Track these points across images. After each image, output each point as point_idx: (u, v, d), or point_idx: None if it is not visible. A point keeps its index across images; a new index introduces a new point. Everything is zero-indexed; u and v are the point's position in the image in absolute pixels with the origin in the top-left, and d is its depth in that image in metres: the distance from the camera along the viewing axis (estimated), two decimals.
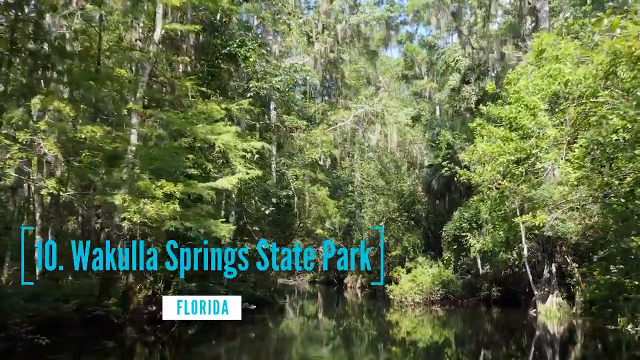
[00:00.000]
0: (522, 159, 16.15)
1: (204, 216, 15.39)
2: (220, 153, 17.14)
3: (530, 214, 18.22)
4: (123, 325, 16.30)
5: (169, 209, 13.68)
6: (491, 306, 29.05)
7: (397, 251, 36.18)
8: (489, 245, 21.87)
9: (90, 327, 15.61)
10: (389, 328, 24.88)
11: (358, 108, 31.58)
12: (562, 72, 15.17)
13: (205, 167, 17.63)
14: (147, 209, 13.43)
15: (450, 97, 41.21)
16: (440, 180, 34.45)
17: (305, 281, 58.28)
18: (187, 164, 15.80)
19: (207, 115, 16.78)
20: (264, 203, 22.89)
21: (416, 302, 30.71)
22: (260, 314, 25.41)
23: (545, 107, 15.42)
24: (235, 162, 16.93)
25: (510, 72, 20.18)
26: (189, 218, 14.69)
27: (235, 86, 21.63)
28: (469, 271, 31.01)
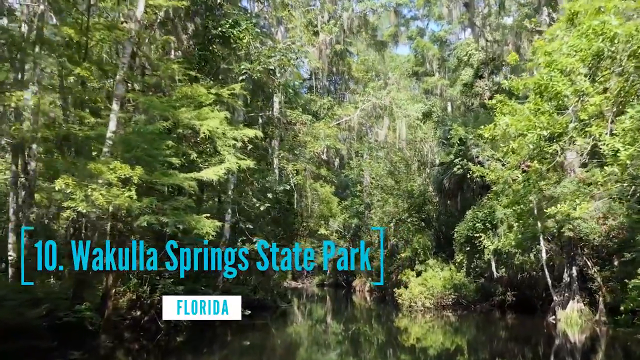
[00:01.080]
0: (556, 135, 13.14)
1: (183, 210, 13.87)
2: (207, 141, 15.63)
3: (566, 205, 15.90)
4: (97, 333, 14.75)
5: (123, 197, 12.10)
6: (505, 311, 27.69)
7: (406, 253, 34.60)
8: (510, 241, 20.05)
9: (59, 334, 14.03)
10: (398, 334, 23.45)
11: (365, 101, 30.00)
12: (608, 25, 12.45)
13: (189, 156, 16.07)
14: (96, 196, 11.86)
15: (462, 93, 39.53)
16: (452, 179, 32.76)
17: (313, 284, 57.63)
18: (166, 152, 14.25)
19: (193, 99, 15.26)
20: (260, 199, 21.32)
21: (426, 307, 29.20)
22: (260, 318, 23.91)
23: (585, 72, 12.90)
24: (224, 151, 15.38)
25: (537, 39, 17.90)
26: (165, 212, 13.22)
27: (226, 69, 20.08)
28: (483, 274, 29.35)
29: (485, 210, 26.57)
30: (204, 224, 13.79)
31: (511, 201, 18.49)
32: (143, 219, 12.61)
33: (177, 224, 13.57)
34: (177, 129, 15.57)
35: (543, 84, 12.84)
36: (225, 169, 14.68)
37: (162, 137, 14.35)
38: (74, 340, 14.09)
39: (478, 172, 25.03)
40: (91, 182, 11.97)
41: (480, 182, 30.80)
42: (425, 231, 35.64)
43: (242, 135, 16.04)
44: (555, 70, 12.55)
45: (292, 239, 25.89)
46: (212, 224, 14.14)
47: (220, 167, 14.64)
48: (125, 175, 12.19)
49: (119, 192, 12.18)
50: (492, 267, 25.83)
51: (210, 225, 13.97)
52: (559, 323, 22.47)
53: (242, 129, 16.46)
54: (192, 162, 16.11)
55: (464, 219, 28.15)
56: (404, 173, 38.02)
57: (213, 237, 14.49)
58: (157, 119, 14.74)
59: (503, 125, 13.56)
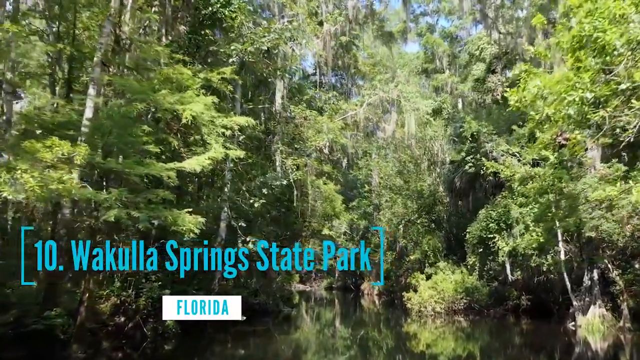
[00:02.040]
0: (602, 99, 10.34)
1: (160, 204, 12.48)
2: (192, 128, 14.26)
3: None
4: (69, 342, 13.39)
5: (60, 181, 10.60)
6: (520, 317, 26.44)
7: (415, 255, 33.24)
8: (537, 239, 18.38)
9: (27, 344, 12.71)
10: (407, 340, 22.19)
11: (372, 95, 28.60)
12: None
13: (170, 145, 14.59)
14: (25, 179, 10.40)
15: (474, 89, 38.16)
16: (464, 178, 31.39)
17: (322, 287, 56.77)
18: (143, 139, 12.87)
19: (178, 83, 13.85)
20: (256, 195, 19.95)
21: (437, 312, 27.81)
22: (261, 324, 22.63)
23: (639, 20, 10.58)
24: (211, 140, 14.00)
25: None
26: (138, 206, 11.87)
27: (216, 52, 18.73)
28: (496, 278, 27.90)
29: (499, 210, 25.12)
30: (184, 220, 12.42)
31: (538, 190, 16.33)
32: (111, 213, 11.27)
33: (152, 220, 12.24)
34: (157, 114, 14.24)
35: (585, 36, 10.19)
36: (209, 159, 13.26)
37: (138, 122, 13.03)
38: (42, 350, 12.76)
39: (492, 168, 23.75)
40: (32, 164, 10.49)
41: (493, 180, 29.54)
42: (435, 233, 34.33)
43: (233, 123, 14.64)
44: (601, 19, 10.04)
45: (294, 240, 24.49)
46: (195, 220, 12.76)
47: (205, 156, 13.23)
48: (65, 155, 10.75)
49: (57, 175, 10.69)
50: (506, 269, 24.35)
51: (192, 222, 12.57)
52: (579, 329, 21.21)
53: (233, 117, 15.04)
54: (175, 152, 14.74)
55: (477, 219, 26.69)
56: (413, 172, 36.66)
57: (196, 235, 13.15)
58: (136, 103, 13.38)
59: (534, 88, 10.95)
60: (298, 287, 52.25)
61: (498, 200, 25.93)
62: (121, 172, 11.77)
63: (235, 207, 20.24)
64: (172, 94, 13.04)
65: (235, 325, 19.72)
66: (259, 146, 22.67)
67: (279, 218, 22.61)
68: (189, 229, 12.43)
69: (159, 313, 15.31)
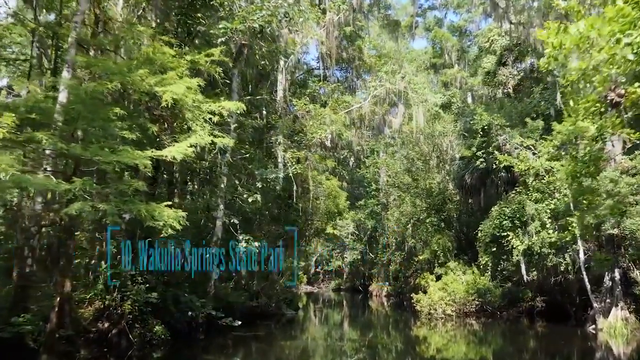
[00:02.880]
0: None
1: (133, 196, 11.17)
2: (175, 113, 12.98)
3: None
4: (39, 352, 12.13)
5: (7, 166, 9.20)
6: (534, 319, 25.40)
7: (424, 255, 31.98)
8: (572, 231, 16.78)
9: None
10: (417, 344, 21.13)
11: (377, 87, 27.35)
12: None
13: (147, 130, 13.23)
14: None
15: (484, 83, 36.75)
16: (474, 174, 30.03)
17: (330, 288, 56.38)
18: (117, 124, 11.62)
19: (162, 65, 12.55)
20: (250, 189, 18.71)
21: (447, 315, 26.54)
22: (261, 328, 21.41)
23: None
24: (196, 127, 12.72)
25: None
26: (107, 198, 10.65)
27: (205, 32, 17.44)
28: (510, 278, 26.58)
29: (513, 206, 23.74)
30: (161, 214, 11.19)
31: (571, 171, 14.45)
32: (74, 206, 10.07)
33: (122, 213, 11.01)
34: (134, 97, 12.99)
35: None
36: (192, 146, 11.97)
37: (111, 105, 11.81)
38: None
39: (505, 162, 22.45)
40: None
41: (506, 176, 28.30)
42: (445, 232, 33.01)
43: (220, 108, 13.36)
44: None
45: (298, 240, 23.27)
46: (175, 214, 11.50)
47: (186, 143, 11.95)
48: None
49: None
50: (521, 269, 23.00)
51: (171, 216, 11.36)
52: (600, 333, 20.08)
53: (222, 102, 13.75)
54: (157, 140, 13.43)
55: (489, 217, 25.34)
56: (422, 170, 35.41)
57: (178, 232, 11.92)
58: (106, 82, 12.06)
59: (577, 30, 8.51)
60: (306, 289, 52.99)
61: (512, 197, 24.56)
62: (90, 161, 10.57)
63: (232, 204, 19.05)
64: (152, 75, 11.82)
65: (233, 329, 18.57)
66: (259, 139, 21.44)
67: (279, 216, 21.33)
68: (169, 224, 11.20)
69: (148, 318, 14.23)
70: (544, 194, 22.41)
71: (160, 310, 15.35)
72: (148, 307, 14.50)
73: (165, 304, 15.41)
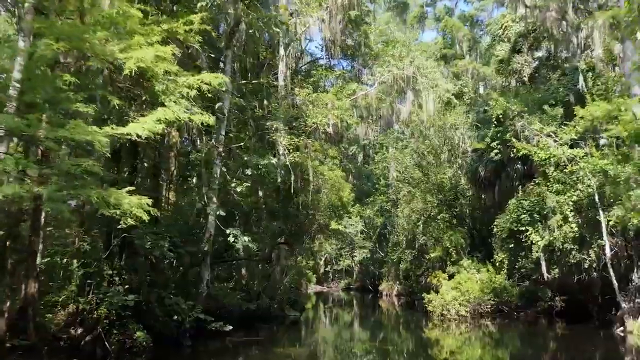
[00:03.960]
0: None
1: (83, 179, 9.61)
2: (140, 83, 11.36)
3: None
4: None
5: None
6: (553, 320, 24.03)
7: (436, 253, 30.46)
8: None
9: None
10: (429, 347, 19.73)
11: (384, 72, 25.73)
12: None
13: (109, 105, 11.13)
14: None
15: (497, 72, 35.05)
16: (488, 167, 28.46)
17: (339, 288, 55.81)
18: (68, 96, 10.03)
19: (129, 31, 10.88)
20: (240, 178, 17.07)
21: (461, 316, 24.99)
22: (260, 333, 19.91)
23: None
24: (169, 102, 11.02)
25: None
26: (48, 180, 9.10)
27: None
28: (528, 276, 24.99)
29: (532, 199, 22.06)
30: (121, 201, 9.53)
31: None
32: (5, 189, 8.50)
33: (65, 199, 9.43)
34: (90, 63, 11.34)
35: None
36: (160, 121, 10.38)
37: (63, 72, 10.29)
38: None
39: (524, 150, 20.82)
40: None
41: (522, 169, 26.78)
42: (457, 228, 31.42)
43: (199, 82, 11.73)
44: None
45: (299, 237, 21.69)
46: (139, 201, 9.91)
47: (153, 117, 10.31)
48: None
49: None
50: (541, 267, 21.34)
51: (134, 204, 9.80)
52: (629, 336, 18.47)
53: (201, 74, 12.08)
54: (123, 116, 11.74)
55: (506, 210, 23.67)
56: (432, 165, 33.83)
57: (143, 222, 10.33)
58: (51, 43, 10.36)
59: None
60: (315, 289, 52.33)
61: (530, 188, 22.88)
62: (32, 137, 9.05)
63: (226, 197, 17.56)
64: (115, 40, 10.25)
65: (228, 335, 17.02)
66: (256, 127, 19.90)
67: (278, 211, 19.76)
68: (131, 213, 9.61)
69: (128, 322, 12.81)
70: (566, 185, 20.77)
71: (144, 314, 13.88)
72: (127, 311, 13.01)
73: (149, 306, 13.95)
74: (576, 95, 24.95)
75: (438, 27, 48.51)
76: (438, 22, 48.29)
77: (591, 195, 19.56)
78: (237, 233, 15.94)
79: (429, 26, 52.29)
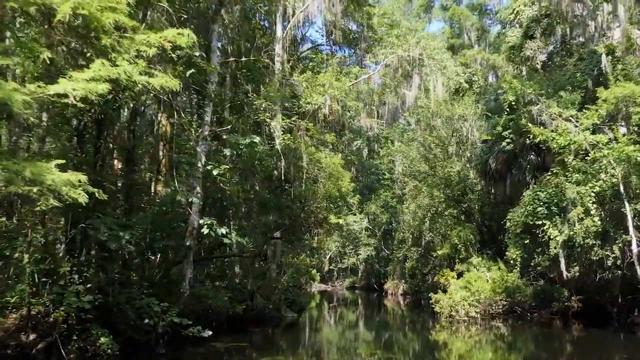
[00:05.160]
0: None
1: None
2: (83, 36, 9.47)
3: None
4: None
5: None
6: (570, 321, 22.66)
7: (444, 250, 28.87)
8: None
9: None
10: (437, 351, 18.35)
11: (388, 54, 23.90)
12: None
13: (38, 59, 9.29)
14: None
15: (508, 59, 33.28)
16: (499, 158, 26.71)
17: (344, 287, 55.05)
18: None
19: None
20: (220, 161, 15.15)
21: (471, 317, 23.34)
22: (250, 337, 18.22)
23: None
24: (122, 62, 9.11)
25: None
26: None
27: None
28: (543, 275, 23.29)
29: (549, 190, 20.25)
30: (45, 176, 7.72)
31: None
32: None
33: None
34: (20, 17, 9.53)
35: None
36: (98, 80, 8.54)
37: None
38: None
39: (541, 136, 19.06)
40: None
41: (535, 160, 25.01)
42: (466, 224, 29.78)
43: (162, 39, 9.91)
44: None
45: (296, 232, 19.92)
46: (68, 178, 8.08)
47: (89, 74, 8.47)
48: None
49: None
50: (560, 264, 19.55)
51: (62, 180, 7.97)
52: None
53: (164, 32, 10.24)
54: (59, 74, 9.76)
55: (521, 203, 21.88)
56: (439, 159, 32.19)
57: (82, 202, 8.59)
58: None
59: None
60: (320, 287, 51.79)
61: (547, 179, 21.08)
62: None
63: (213, 188, 15.85)
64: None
65: (213, 340, 15.29)
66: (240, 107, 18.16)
67: (270, 202, 17.95)
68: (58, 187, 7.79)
69: (92, 327, 11.16)
70: (587, 175, 19.02)
71: (114, 317, 12.23)
72: (91, 314, 11.31)
73: (121, 308, 12.30)
74: (595, 80, 23.36)
75: (445, 16, 46.75)
76: (445, 11, 46.52)
77: (615, 185, 18.00)
78: (210, 222, 14.11)
79: (435, 16, 50.60)
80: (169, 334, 12.93)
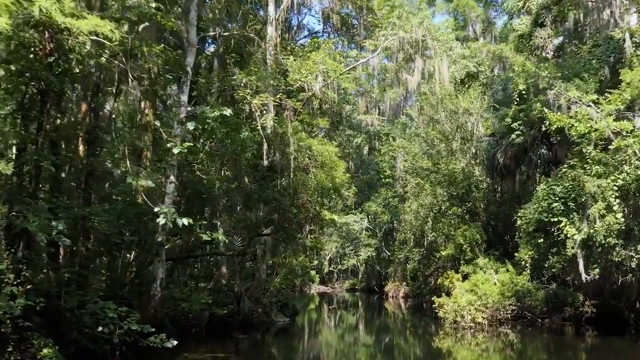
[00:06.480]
0: None
1: None
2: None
3: None
4: None
5: None
6: (583, 328, 21.43)
7: (448, 251, 27.21)
8: None
9: None
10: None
11: (389, 36, 22.02)
12: None
13: None
14: None
15: (517, 49, 31.52)
16: (508, 152, 24.95)
17: (344, 288, 53.79)
18: None
19: None
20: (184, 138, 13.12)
21: (478, 323, 21.67)
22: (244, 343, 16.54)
23: None
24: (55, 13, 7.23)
25: None
26: None
27: None
28: (556, 277, 21.62)
29: (566, 184, 18.38)
30: None
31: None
32: None
33: None
34: None
35: None
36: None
37: None
38: None
39: (559, 122, 17.28)
40: None
41: (547, 153, 23.31)
42: (471, 224, 28.10)
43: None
44: None
45: (287, 228, 18.08)
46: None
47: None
48: None
49: None
50: (578, 265, 17.71)
51: None
52: None
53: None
54: None
55: (533, 199, 20.06)
56: (443, 156, 30.61)
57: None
58: None
59: None
60: (319, 289, 51.13)
61: (563, 172, 19.23)
62: None
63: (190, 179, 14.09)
64: None
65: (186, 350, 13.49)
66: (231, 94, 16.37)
67: (253, 194, 16.04)
68: None
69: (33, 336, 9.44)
70: (609, 167, 17.23)
71: (66, 324, 10.49)
72: (33, 321, 9.56)
73: (75, 314, 10.56)
74: (612, 67, 21.67)
75: (449, 8, 45.09)
76: (449, 2, 44.82)
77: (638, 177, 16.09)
78: (166, 210, 12.12)
79: (439, 10, 48.93)
80: (128, 343, 11.14)
